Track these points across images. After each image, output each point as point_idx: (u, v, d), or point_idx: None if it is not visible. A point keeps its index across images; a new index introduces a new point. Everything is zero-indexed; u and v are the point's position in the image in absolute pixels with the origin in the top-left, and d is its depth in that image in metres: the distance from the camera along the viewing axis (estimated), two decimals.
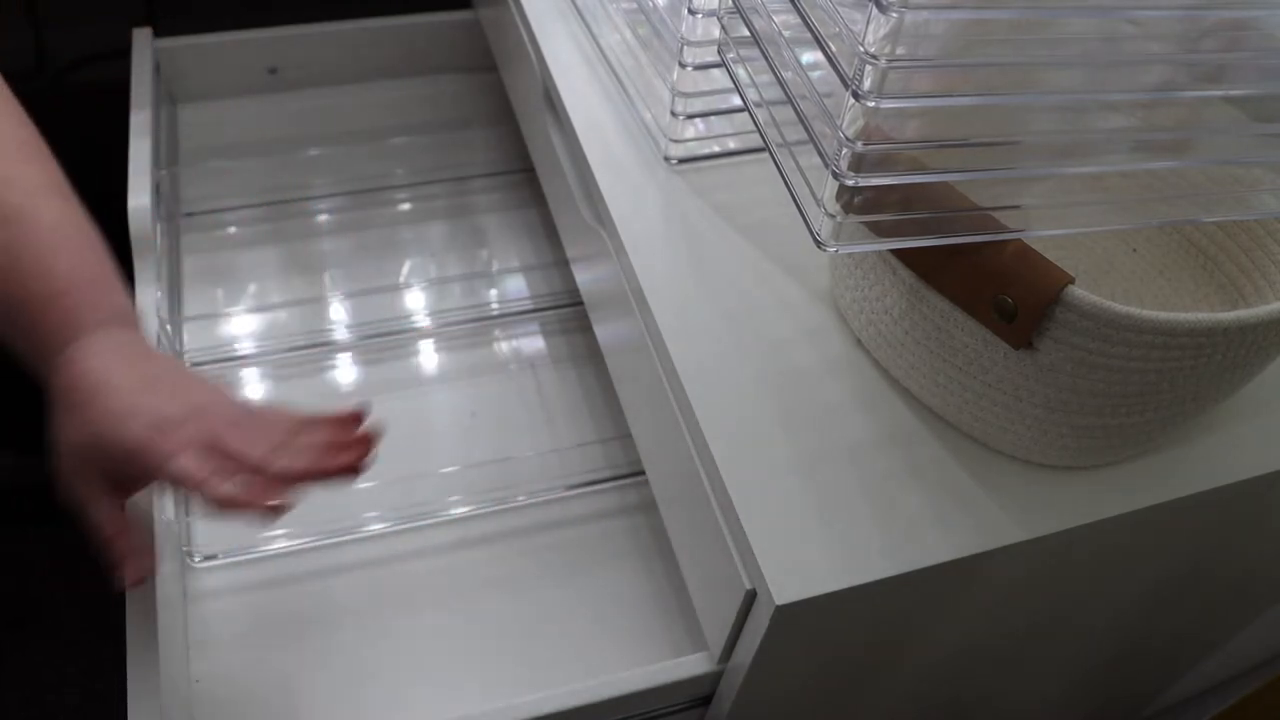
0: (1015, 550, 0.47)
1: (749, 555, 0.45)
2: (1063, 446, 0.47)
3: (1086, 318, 0.41)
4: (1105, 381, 0.43)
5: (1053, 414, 0.45)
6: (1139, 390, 0.44)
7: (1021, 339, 0.42)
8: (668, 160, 0.61)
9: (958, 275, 0.42)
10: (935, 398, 0.49)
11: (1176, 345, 0.41)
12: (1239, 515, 0.55)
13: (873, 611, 0.48)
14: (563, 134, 0.65)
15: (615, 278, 0.58)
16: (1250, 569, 0.65)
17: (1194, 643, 0.76)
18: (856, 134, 0.34)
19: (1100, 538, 0.49)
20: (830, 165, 0.35)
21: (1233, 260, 0.58)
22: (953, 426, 0.50)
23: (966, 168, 0.39)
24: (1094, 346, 0.41)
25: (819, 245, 0.38)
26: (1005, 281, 0.41)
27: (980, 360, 0.45)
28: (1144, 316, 0.40)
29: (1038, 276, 0.40)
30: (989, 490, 0.48)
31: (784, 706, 0.56)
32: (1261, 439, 0.52)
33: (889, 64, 0.32)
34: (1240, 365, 0.45)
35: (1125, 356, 0.42)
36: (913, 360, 0.48)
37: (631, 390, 0.60)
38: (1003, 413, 0.47)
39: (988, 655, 0.61)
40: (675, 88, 0.57)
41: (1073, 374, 0.43)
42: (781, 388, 0.51)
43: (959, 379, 0.47)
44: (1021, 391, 0.45)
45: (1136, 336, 0.41)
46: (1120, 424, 0.46)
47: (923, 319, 0.46)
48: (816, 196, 0.37)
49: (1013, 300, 0.41)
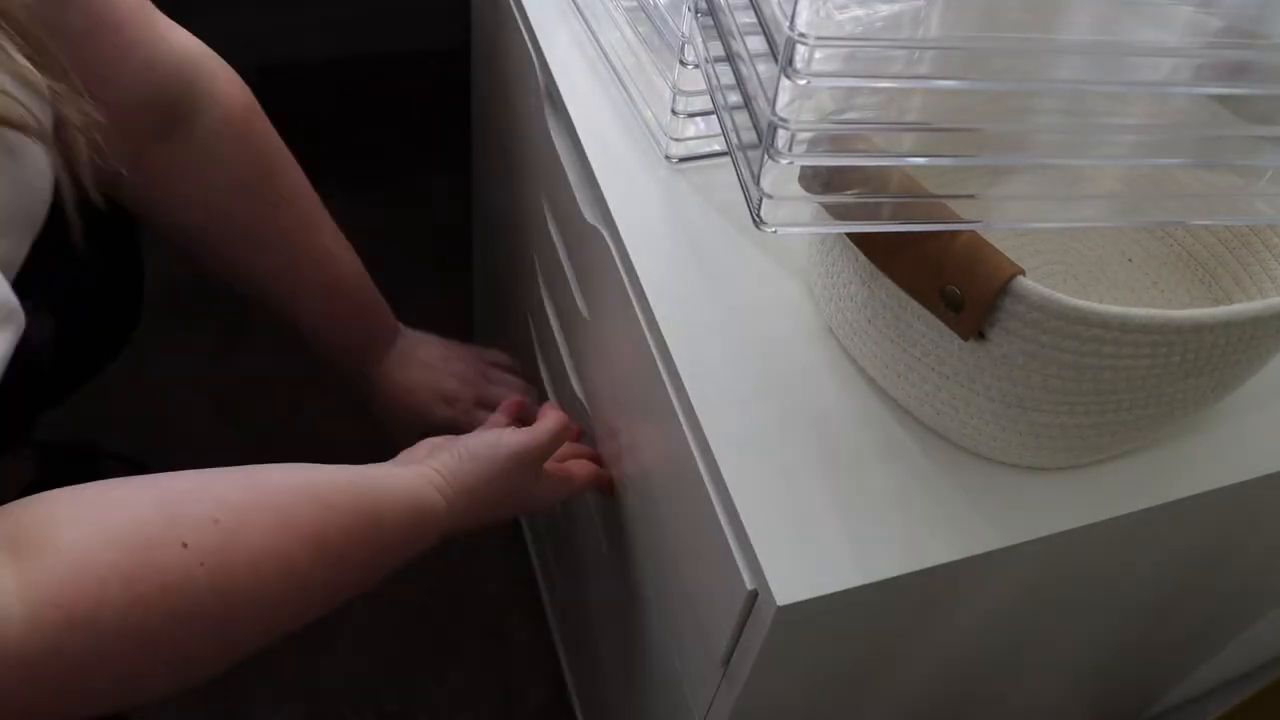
0: (995, 557, 0.47)
1: (751, 556, 0.45)
2: (1022, 445, 0.47)
3: (1035, 309, 0.40)
4: (1060, 377, 0.43)
5: (1009, 409, 0.45)
6: (1095, 389, 0.43)
7: (969, 329, 0.41)
8: (669, 159, 0.61)
9: (909, 263, 0.42)
10: (898, 389, 0.49)
11: (1129, 342, 0.41)
12: (1211, 525, 0.54)
13: (873, 613, 0.48)
14: (563, 133, 0.66)
15: (616, 277, 0.59)
16: (1244, 576, 0.64)
17: (1195, 646, 0.75)
18: (787, 112, 0.35)
19: (1066, 547, 0.49)
20: (764, 143, 0.36)
21: (1230, 274, 0.57)
22: (917, 419, 0.50)
23: (914, 153, 0.39)
24: (1045, 339, 0.41)
25: (757, 224, 0.39)
26: (952, 271, 0.41)
27: (937, 351, 0.45)
28: (1093, 309, 0.40)
29: (985, 267, 0.40)
30: (957, 490, 0.48)
31: (784, 709, 0.56)
32: (1238, 446, 0.52)
33: (817, 41, 0.33)
34: (1206, 370, 0.44)
35: (1077, 351, 0.41)
36: (875, 349, 0.48)
37: (629, 391, 0.61)
38: (961, 406, 0.47)
39: (988, 658, 0.60)
40: (676, 86, 0.57)
41: (1025, 367, 0.43)
42: (781, 387, 0.51)
43: (918, 369, 0.47)
44: (977, 385, 0.45)
45: (1086, 330, 0.40)
46: (1080, 424, 0.45)
47: (883, 307, 0.46)
48: (754, 174, 0.37)
49: (959, 290, 0.41)
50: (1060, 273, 0.59)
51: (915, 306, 0.44)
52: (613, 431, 0.66)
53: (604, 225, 0.59)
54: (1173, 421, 0.49)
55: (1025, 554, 0.47)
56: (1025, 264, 0.59)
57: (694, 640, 0.55)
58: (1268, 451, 0.52)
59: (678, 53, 0.56)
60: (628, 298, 0.56)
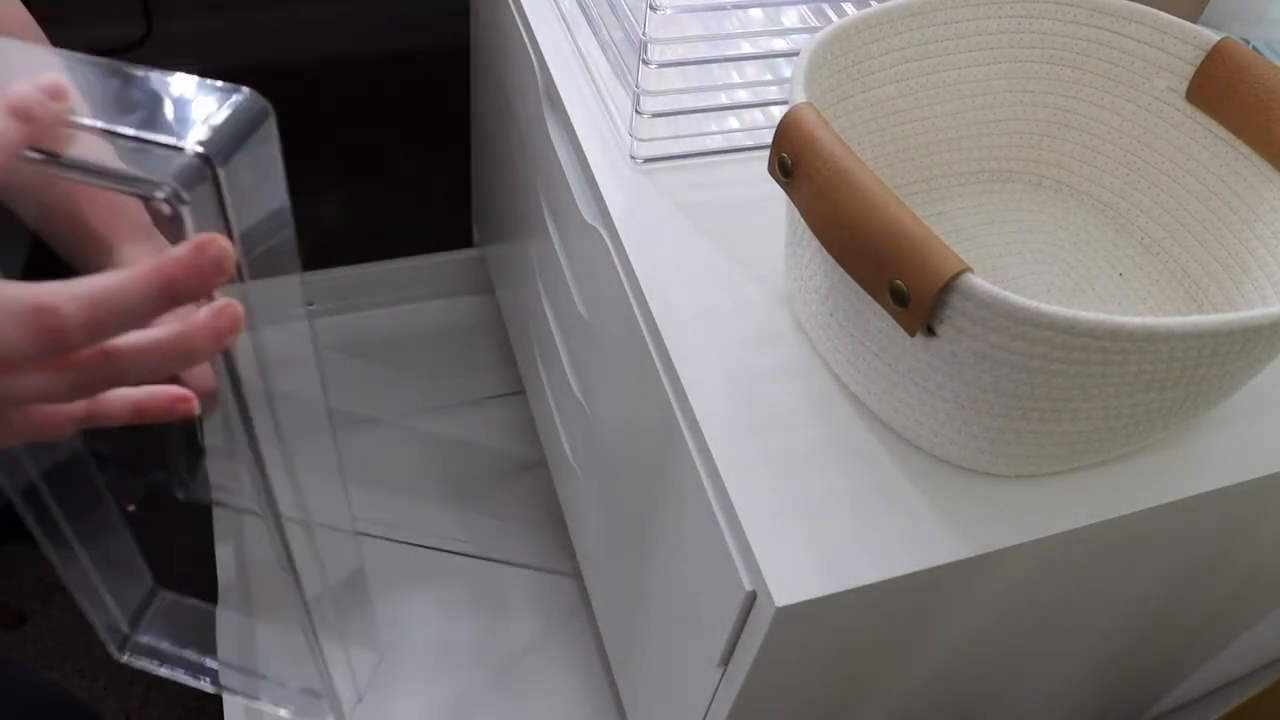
0: (976, 562, 0.46)
1: (749, 557, 0.45)
2: (977, 449, 0.46)
3: (984, 307, 0.40)
4: (1011, 380, 0.42)
5: (962, 410, 0.45)
6: (1048, 394, 0.42)
7: (915, 325, 0.41)
8: (633, 159, 0.60)
9: (859, 256, 0.42)
10: (858, 386, 0.49)
11: (1079, 346, 0.40)
12: (1192, 535, 0.53)
13: (873, 614, 0.48)
14: (562, 134, 0.67)
15: (615, 277, 0.59)
16: (1234, 583, 0.63)
17: (1193, 648, 0.74)
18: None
19: (1032, 557, 0.48)
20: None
21: (1223, 292, 0.55)
22: (879, 418, 0.50)
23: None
24: (995, 339, 0.41)
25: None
26: (900, 265, 0.40)
27: (892, 347, 0.45)
28: (1039, 310, 0.39)
29: (930, 262, 0.40)
30: (924, 494, 0.47)
31: (783, 709, 0.55)
32: (1214, 456, 0.51)
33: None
34: (1170, 384, 0.43)
35: (1026, 353, 0.41)
36: (837, 343, 0.48)
37: (624, 391, 0.61)
38: (916, 405, 0.46)
39: (982, 661, 0.60)
40: (640, 85, 0.57)
41: (975, 367, 0.42)
42: (781, 387, 0.51)
43: (875, 365, 0.46)
44: (930, 384, 0.44)
45: (1035, 331, 0.40)
46: (1035, 431, 0.45)
47: (843, 299, 0.46)
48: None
49: (905, 285, 0.40)
50: (1044, 284, 0.58)
51: (871, 301, 0.44)
52: (611, 433, 0.66)
53: (602, 225, 0.60)
54: (1141, 435, 0.48)
55: (1008, 559, 0.47)
56: (1010, 273, 0.59)
57: (693, 640, 0.55)
58: (1247, 460, 0.51)
59: (639, 51, 0.56)
60: (626, 298, 0.56)
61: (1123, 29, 0.56)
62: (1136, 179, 0.58)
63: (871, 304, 0.44)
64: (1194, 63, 0.54)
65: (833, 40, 0.51)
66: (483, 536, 0.98)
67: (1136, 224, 0.59)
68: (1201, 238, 0.56)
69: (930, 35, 0.56)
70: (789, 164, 0.45)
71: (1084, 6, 0.56)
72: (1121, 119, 0.58)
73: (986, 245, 0.59)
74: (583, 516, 0.79)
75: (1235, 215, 0.54)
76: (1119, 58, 0.57)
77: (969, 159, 0.61)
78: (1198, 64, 0.54)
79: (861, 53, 0.54)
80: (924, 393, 0.45)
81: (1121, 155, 0.59)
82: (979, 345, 0.41)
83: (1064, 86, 0.58)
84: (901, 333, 0.43)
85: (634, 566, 0.66)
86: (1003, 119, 0.60)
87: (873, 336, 0.46)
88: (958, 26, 0.56)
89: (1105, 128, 0.59)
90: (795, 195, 0.45)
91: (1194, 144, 0.55)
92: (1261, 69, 0.52)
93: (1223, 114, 0.54)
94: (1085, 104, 0.59)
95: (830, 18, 0.61)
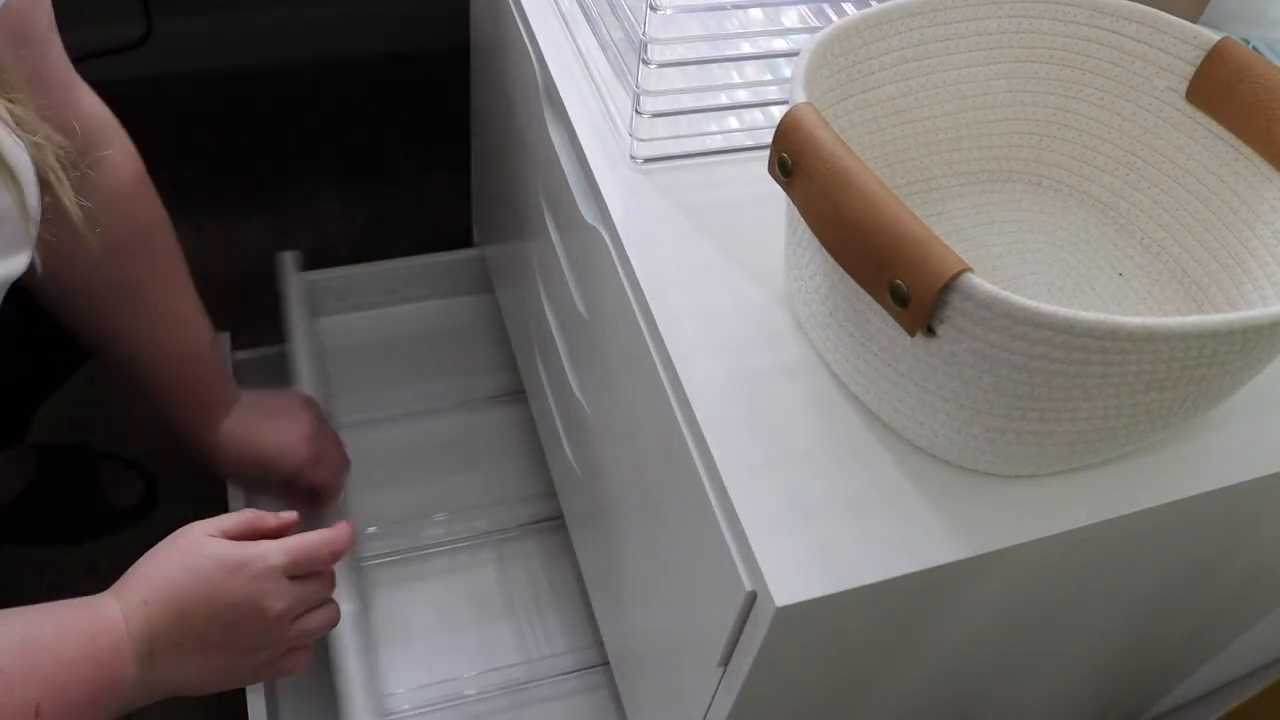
0: (977, 562, 0.46)
1: (749, 557, 0.45)
2: (977, 449, 0.46)
3: (984, 307, 0.40)
4: (1011, 380, 0.42)
5: (962, 410, 0.45)
6: (1048, 394, 0.42)
7: (915, 325, 0.41)
8: (633, 159, 0.60)
9: (859, 255, 0.42)
10: (858, 386, 0.49)
11: (1079, 346, 0.40)
12: (1191, 536, 0.53)
13: (873, 614, 0.48)
14: (562, 133, 0.67)
15: (614, 277, 0.59)
16: (1235, 584, 0.63)
17: (1193, 649, 0.74)
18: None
19: (1030, 557, 0.48)
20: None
21: (1223, 292, 0.55)
22: (875, 416, 0.50)
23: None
24: (994, 339, 0.41)
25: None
26: (900, 265, 0.40)
27: (892, 347, 0.45)
28: (1039, 310, 0.39)
29: (930, 262, 0.40)
30: (925, 496, 0.47)
31: (783, 709, 0.55)
32: (1214, 456, 0.51)
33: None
34: (1170, 384, 0.43)
35: (1026, 353, 0.41)
36: (837, 343, 0.48)
37: (624, 391, 0.61)
38: (916, 405, 0.46)
39: (983, 661, 0.60)
40: (640, 85, 0.57)
41: (975, 367, 0.42)
42: (783, 387, 0.51)
43: (875, 365, 0.46)
44: (930, 384, 0.44)
45: (1035, 331, 0.40)
46: (1035, 431, 0.45)
47: (843, 299, 0.46)
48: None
49: (905, 285, 0.40)
50: (1044, 285, 0.58)
51: (872, 301, 0.44)
52: (611, 433, 0.66)
53: (602, 225, 0.60)
54: (1141, 435, 0.48)
55: (1008, 559, 0.47)
56: (1010, 273, 0.59)
57: (693, 640, 0.55)
58: (1247, 460, 0.51)
59: (639, 51, 0.56)
60: (626, 297, 0.56)
61: (1123, 29, 0.56)
62: (1136, 179, 0.58)
63: (871, 304, 0.44)
64: (1194, 63, 0.54)
65: (833, 40, 0.51)
66: (482, 536, 0.98)
67: (1136, 224, 0.59)
68: (1201, 238, 0.56)
69: (930, 35, 0.56)
70: (789, 164, 0.45)
71: (1084, 6, 0.56)
72: (1121, 119, 0.58)
73: (986, 245, 0.59)
74: (582, 516, 0.79)
75: (1235, 215, 0.54)
76: (1119, 58, 0.57)
77: (969, 159, 0.61)
78: (1198, 64, 0.54)
79: (861, 53, 0.54)
80: (924, 393, 0.45)
81: (1121, 155, 0.59)
82: (979, 345, 0.41)
83: (1064, 86, 0.59)
84: (901, 333, 0.43)
85: (634, 566, 0.66)
86: (1003, 119, 0.60)
87: (873, 336, 0.46)
88: (958, 26, 0.56)
89: (1105, 128, 0.59)
90: (795, 195, 0.45)
91: (1194, 144, 0.55)
92: (1261, 69, 0.52)
93: (1223, 114, 0.54)
94: (1085, 104, 0.59)
95: (830, 18, 0.61)
